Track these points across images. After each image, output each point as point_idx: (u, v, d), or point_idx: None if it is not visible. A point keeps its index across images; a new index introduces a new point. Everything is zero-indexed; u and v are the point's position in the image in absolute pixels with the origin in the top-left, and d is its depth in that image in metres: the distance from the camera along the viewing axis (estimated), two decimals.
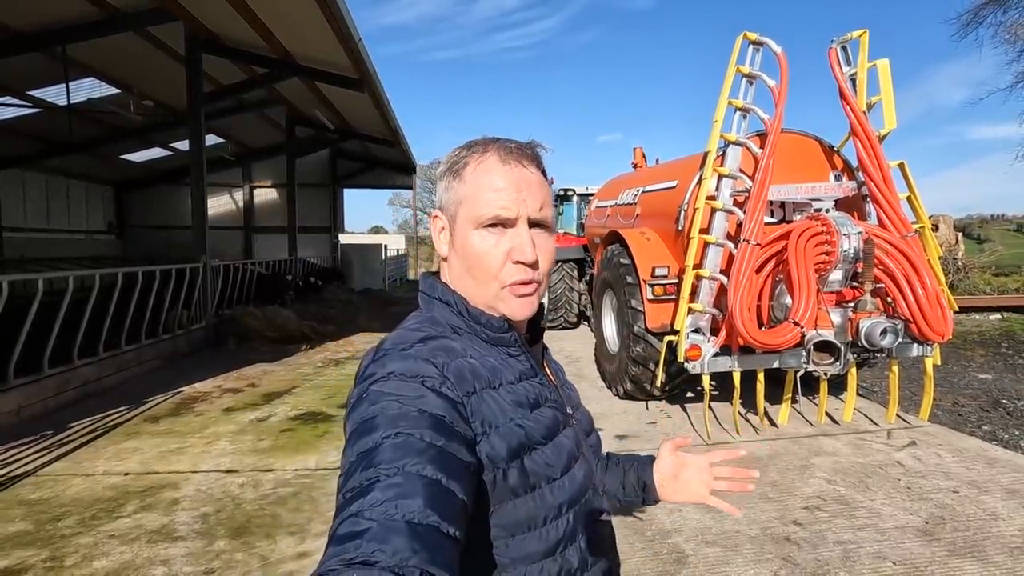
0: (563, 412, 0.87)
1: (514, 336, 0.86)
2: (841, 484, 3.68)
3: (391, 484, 0.61)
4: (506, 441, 0.76)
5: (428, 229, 3.57)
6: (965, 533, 3.03)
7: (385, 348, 0.79)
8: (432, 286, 0.89)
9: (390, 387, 0.71)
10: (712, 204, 4.40)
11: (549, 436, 0.81)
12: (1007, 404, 5.33)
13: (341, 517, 0.60)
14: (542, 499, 0.78)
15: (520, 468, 0.77)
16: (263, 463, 4.20)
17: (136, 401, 5.75)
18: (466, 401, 0.74)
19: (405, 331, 0.83)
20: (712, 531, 3.14)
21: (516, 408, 0.79)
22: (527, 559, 0.78)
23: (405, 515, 0.58)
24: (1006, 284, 11.61)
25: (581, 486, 0.84)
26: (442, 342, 0.79)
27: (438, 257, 0.92)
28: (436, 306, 0.87)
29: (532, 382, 0.84)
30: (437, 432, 0.67)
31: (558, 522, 0.80)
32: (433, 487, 0.62)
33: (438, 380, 0.73)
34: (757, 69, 4.46)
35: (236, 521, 3.32)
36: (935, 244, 4.55)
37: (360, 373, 0.78)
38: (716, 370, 4.45)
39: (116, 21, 8.09)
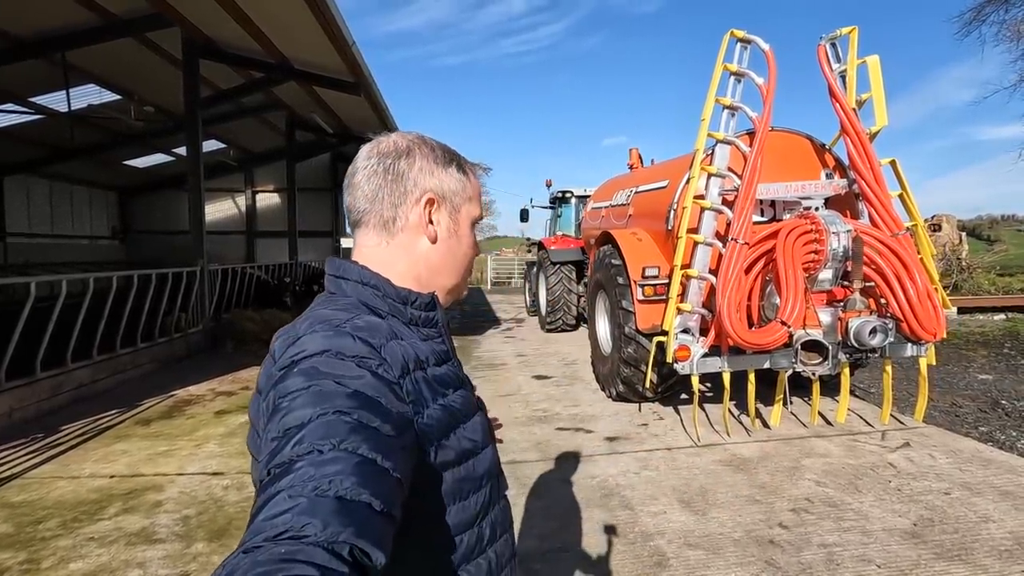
0: (473, 393, 0.92)
1: (437, 316, 0.88)
2: (831, 486, 3.62)
3: (324, 460, 0.59)
4: (436, 419, 0.78)
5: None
6: (954, 535, 2.97)
7: (310, 327, 0.76)
8: (347, 268, 0.87)
9: (325, 365, 0.69)
10: (700, 203, 4.36)
11: (468, 415, 0.85)
12: (1006, 405, 5.25)
13: (267, 493, 0.57)
14: (469, 471, 0.83)
15: (449, 444, 0.80)
16: (249, 465, 4.18)
17: (129, 404, 5.76)
18: (401, 382, 0.75)
19: (328, 311, 0.81)
20: (695, 533, 3.10)
21: (441, 388, 0.81)
22: (454, 529, 0.81)
23: (337, 491, 0.57)
24: (1011, 284, 11.45)
25: (493, 460, 0.90)
26: (370, 320, 0.79)
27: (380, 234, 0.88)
28: (352, 287, 0.86)
29: (449, 365, 0.87)
30: (373, 413, 0.66)
31: (478, 494, 0.85)
32: (367, 465, 0.61)
33: (375, 361, 0.72)
34: (745, 67, 4.42)
35: (217, 523, 3.30)
36: (928, 242, 4.49)
37: (280, 352, 0.75)
38: (705, 371, 4.40)
39: (115, 27, 8.16)
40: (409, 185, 0.87)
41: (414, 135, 0.92)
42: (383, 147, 0.89)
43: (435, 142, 0.93)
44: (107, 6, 7.69)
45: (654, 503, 3.47)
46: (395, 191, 0.87)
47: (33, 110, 11.39)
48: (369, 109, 10.67)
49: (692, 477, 3.83)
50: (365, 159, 0.89)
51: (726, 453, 4.25)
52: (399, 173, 0.87)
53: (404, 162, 0.87)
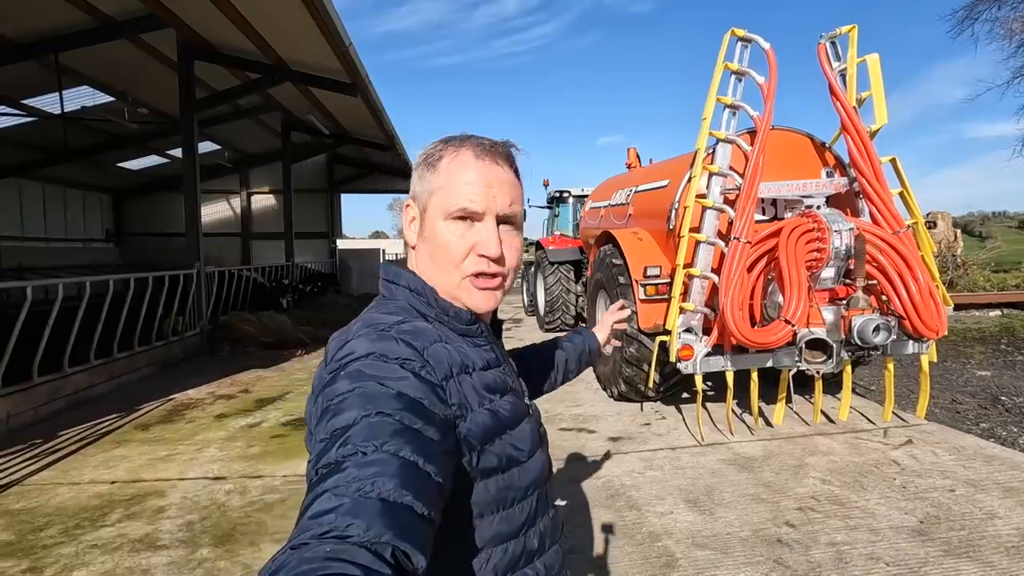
0: (523, 401, 0.90)
1: (481, 327, 0.88)
2: (836, 484, 3.63)
3: (368, 462, 0.60)
4: (481, 424, 0.77)
5: None
6: (960, 533, 2.98)
7: (360, 330, 0.78)
8: (397, 273, 0.89)
9: (369, 367, 0.71)
10: (702, 202, 4.35)
11: (516, 422, 0.84)
12: (1006, 401, 5.27)
13: (315, 492, 0.59)
14: (512, 480, 0.81)
15: (493, 450, 0.79)
16: (252, 469, 4.16)
17: (127, 409, 5.71)
18: (445, 384, 0.75)
19: (378, 314, 0.83)
20: (703, 533, 3.09)
21: (487, 393, 0.81)
22: (495, 539, 0.80)
23: (380, 493, 0.58)
24: (1006, 280, 11.53)
25: (543, 470, 0.88)
26: (418, 324, 0.80)
27: (406, 246, 0.94)
28: (402, 292, 0.87)
29: (498, 371, 0.86)
30: (416, 415, 0.67)
31: (523, 504, 0.83)
32: (409, 468, 0.62)
33: (418, 363, 0.73)
34: (746, 66, 4.42)
35: (221, 529, 3.27)
36: (929, 240, 4.50)
37: (332, 354, 0.77)
38: (709, 370, 4.39)
39: (109, 29, 8.09)
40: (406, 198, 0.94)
41: (442, 138, 0.93)
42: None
43: (440, 140, 0.91)
44: (101, 7, 7.63)
45: (660, 503, 3.47)
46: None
47: (26, 112, 11.29)
48: (366, 110, 10.64)
49: (697, 476, 3.83)
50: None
51: (730, 452, 4.25)
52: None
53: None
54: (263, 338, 9.25)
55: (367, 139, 13.92)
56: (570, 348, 1.40)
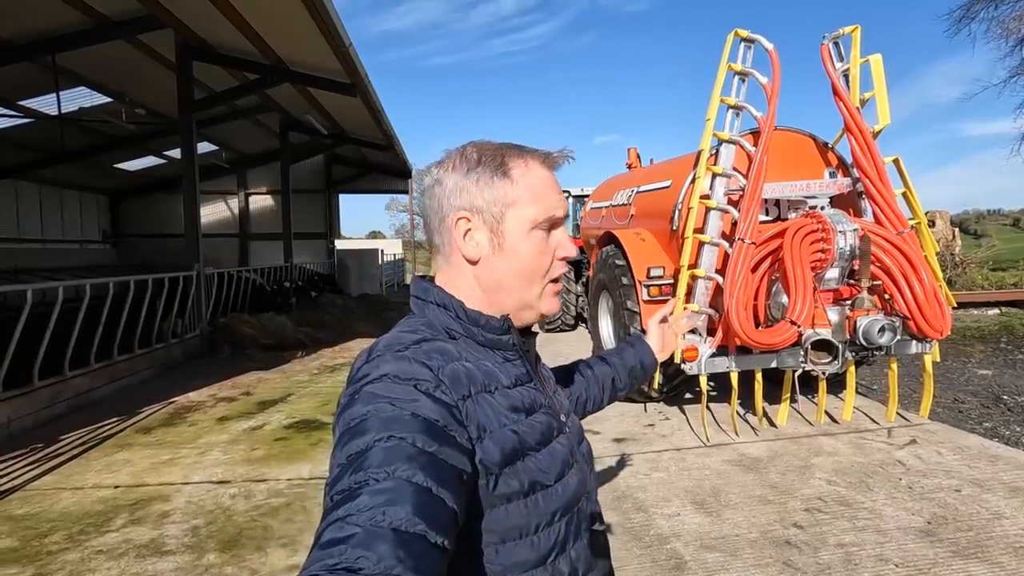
0: (556, 419, 0.86)
1: (512, 339, 0.85)
2: (842, 484, 3.63)
3: (380, 489, 0.59)
4: (500, 446, 0.74)
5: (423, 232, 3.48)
6: (968, 533, 2.98)
7: (379, 350, 0.77)
8: (426, 290, 0.87)
9: (383, 389, 0.70)
10: (706, 203, 4.35)
11: (543, 442, 0.80)
12: (1008, 400, 5.29)
13: (328, 520, 0.59)
14: (535, 506, 0.77)
15: (514, 474, 0.75)
16: (256, 473, 4.14)
17: (129, 412, 5.68)
18: (461, 405, 0.73)
19: (399, 333, 0.81)
20: (711, 535, 3.09)
21: (511, 413, 0.77)
22: (517, 568, 0.76)
23: (392, 522, 0.57)
24: (1004, 279, 11.59)
25: (575, 493, 0.83)
26: (437, 344, 0.78)
27: (440, 259, 0.89)
28: (431, 309, 0.85)
29: (527, 387, 0.83)
30: (430, 437, 0.65)
31: (550, 530, 0.79)
32: (423, 494, 0.60)
33: (432, 384, 0.71)
34: (749, 66, 4.42)
35: (227, 534, 3.26)
36: (932, 240, 4.51)
37: (353, 375, 0.77)
38: (713, 371, 4.40)
39: (106, 29, 8.05)
40: (446, 208, 0.85)
41: (459, 148, 0.88)
42: (431, 172, 0.88)
43: (478, 148, 0.86)
44: (98, 8, 7.58)
45: (667, 505, 3.46)
46: (435, 217, 0.86)
47: (22, 114, 11.22)
48: (364, 111, 10.61)
49: (703, 478, 3.83)
50: (423, 186, 0.89)
51: (735, 453, 4.25)
52: (435, 198, 0.86)
53: (438, 186, 0.85)
54: (263, 340, 9.22)
55: (366, 139, 13.90)
56: (618, 363, 1.33)
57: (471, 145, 0.88)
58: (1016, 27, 13.82)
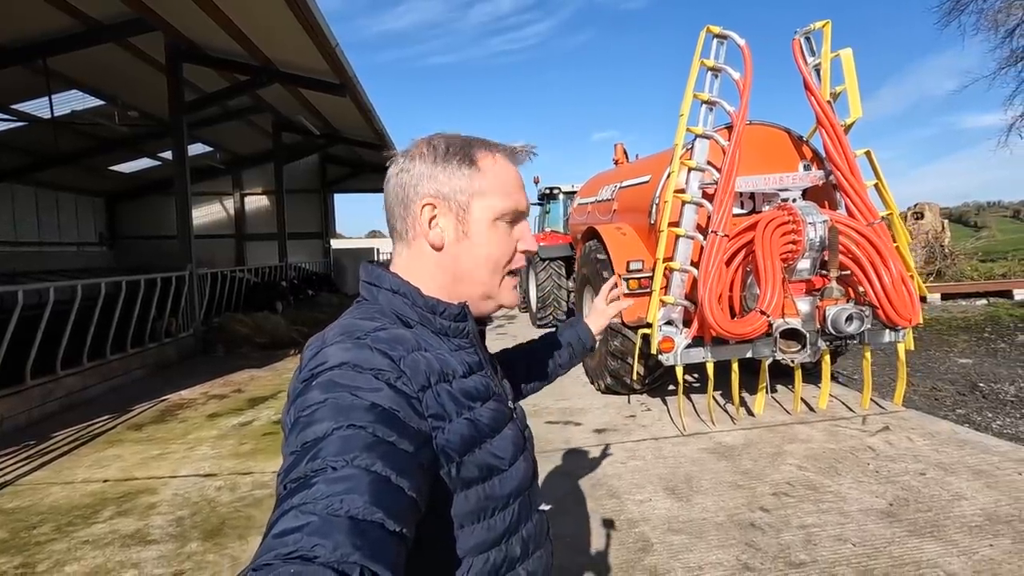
0: (506, 405, 0.88)
1: (468, 327, 0.86)
2: (811, 470, 3.72)
3: (337, 478, 0.59)
4: (459, 434, 0.76)
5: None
6: (927, 514, 3.07)
7: (335, 336, 0.76)
8: (379, 276, 0.86)
9: (342, 377, 0.69)
10: (680, 197, 4.43)
11: (497, 428, 0.82)
12: (983, 388, 5.38)
13: (282, 508, 0.57)
14: (492, 490, 0.80)
15: (472, 461, 0.77)
16: (243, 466, 4.24)
17: (120, 410, 5.78)
18: (421, 395, 0.73)
19: (354, 320, 0.80)
20: (679, 519, 3.18)
21: (467, 401, 0.79)
22: (475, 549, 0.78)
23: (350, 510, 0.56)
24: (992, 270, 11.66)
25: (525, 477, 0.86)
26: (395, 332, 0.78)
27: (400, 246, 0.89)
28: (384, 295, 0.85)
29: (480, 375, 0.84)
30: (389, 427, 0.65)
31: (505, 512, 0.82)
32: (381, 483, 0.60)
33: (394, 374, 0.71)
34: (722, 62, 4.50)
35: (211, 524, 3.35)
36: (904, 231, 4.60)
37: (306, 361, 0.75)
38: (690, 361, 4.48)
39: (96, 32, 8.12)
40: (411, 194, 0.85)
41: (427, 137, 0.89)
42: (397, 160, 0.89)
43: (446, 139, 0.88)
44: (87, 11, 7.66)
45: (640, 491, 3.55)
46: (401, 202, 0.86)
47: (15, 117, 11.30)
48: (355, 110, 10.68)
49: (678, 465, 3.92)
50: (390, 172, 0.89)
51: (711, 441, 4.34)
52: (402, 184, 0.86)
53: (406, 172, 0.86)
54: (257, 339, 9.32)
55: (359, 139, 13.97)
56: (558, 343, 1.36)
57: (438, 135, 0.89)
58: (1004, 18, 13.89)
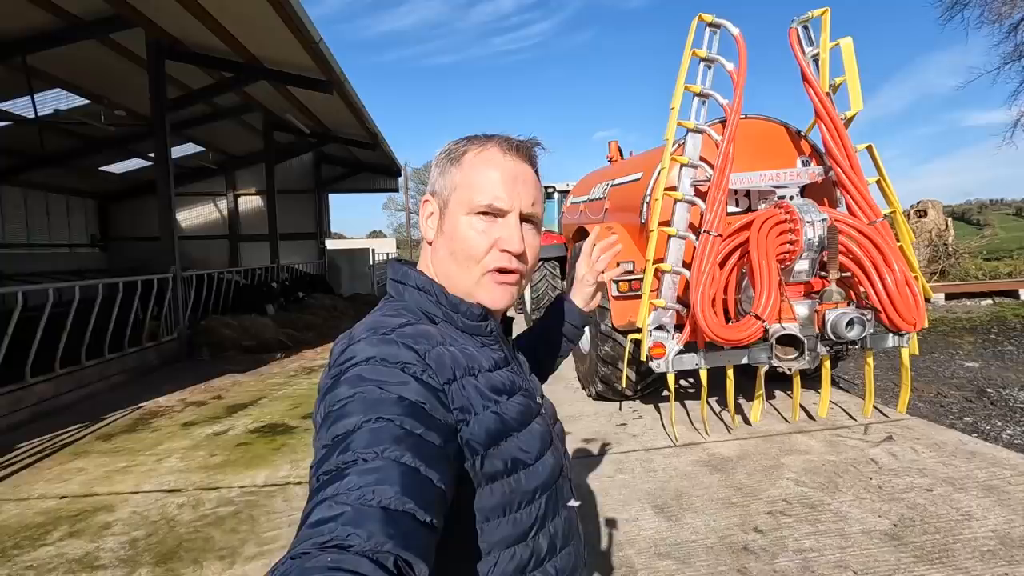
0: (533, 400, 0.88)
1: (490, 326, 0.87)
2: (810, 485, 3.49)
3: (368, 469, 0.60)
4: (485, 428, 0.76)
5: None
6: (935, 536, 2.84)
7: (362, 332, 0.77)
8: (406, 273, 0.88)
9: (370, 372, 0.70)
10: (672, 195, 4.20)
11: (524, 423, 0.82)
12: (991, 393, 5.14)
13: (315, 500, 0.59)
14: (518, 484, 0.79)
15: (498, 454, 0.77)
16: (210, 480, 4.02)
17: (93, 418, 5.57)
18: (447, 388, 0.74)
19: (381, 317, 0.81)
20: (667, 541, 2.95)
21: (493, 395, 0.79)
22: (501, 543, 0.78)
23: (381, 501, 0.57)
24: (998, 269, 11.38)
25: (552, 472, 0.86)
26: (421, 328, 0.79)
27: (424, 244, 0.92)
28: (410, 293, 0.86)
29: (506, 370, 0.84)
30: (417, 420, 0.66)
31: (531, 507, 0.81)
32: (411, 474, 0.61)
33: (419, 367, 0.72)
34: (715, 52, 4.27)
35: (166, 546, 3.14)
36: (908, 230, 4.36)
37: (335, 357, 0.76)
38: (682, 368, 4.25)
39: (75, 29, 7.90)
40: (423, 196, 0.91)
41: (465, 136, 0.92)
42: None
43: (460, 139, 0.90)
44: (66, 7, 7.44)
45: (627, 509, 3.33)
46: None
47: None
48: (346, 108, 10.46)
49: (668, 480, 3.69)
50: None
51: (705, 453, 4.12)
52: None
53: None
54: (243, 342, 9.11)
55: (352, 138, 13.75)
56: (545, 331, 1.35)
57: (464, 137, 0.91)
58: (1008, 12, 13.60)
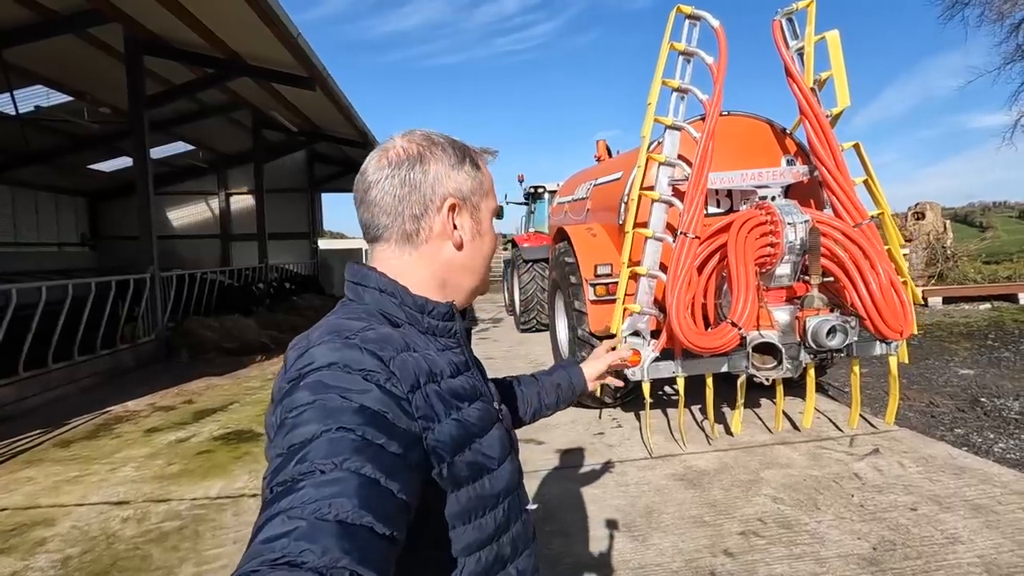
0: (492, 405, 0.86)
1: (455, 326, 0.85)
2: (788, 502, 3.29)
3: (326, 481, 0.57)
4: (448, 435, 0.74)
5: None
6: (916, 561, 2.64)
7: (322, 336, 0.74)
8: (365, 275, 0.84)
9: (331, 378, 0.67)
10: (648, 195, 4.01)
11: (485, 429, 0.81)
12: (985, 403, 4.93)
13: (268, 513, 0.56)
14: (483, 489, 0.79)
15: (463, 461, 0.76)
16: (161, 491, 3.84)
17: (55, 423, 5.39)
18: (411, 397, 0.71)
19: (343, 320, 0.78)
20: (630, 564, 2.76)
21: (456, 402, 0.78)
22: (466, 549, 0.77)
23: (338, 514, 0.55)
24: (997, 272, 11.15)
25: (512, 477, 0.85)
26: (383, 332, 0.76)
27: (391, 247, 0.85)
28: (370, 295, 0.82)
29: (467, 375, 0.83)
30: (378, 429, 0.64)
31: (495, 512, 0.81)
32: (371, 486, 0.59)
33: (383, 375, 0.69)
34: (694, 45, 4.07)
35: (100, 565, 2.95)
36: (896, 232, 4.16)
37: (291, 362, 0.73)
38: (659, 376, 4.06)
39: (51, 24, 7.73)
40: (428, 194, 0.83)
41: (419, 136, 0.86)
42: (392, 155, 0.83)
43: (443, 139, 0.87)
44: (44, 2, 7.27)
45: (595, 527, 3.14)
46: (414, 203, 0.83)
47: None
48: (332, 106, 10.28)
49: (639, 495, 3.49)
50: (376, 171, 0.83)
51: (681, 465, 3.92)
52: (415, 183, 0.82)
53: (419, 170, 0.83)
54: (224, 344, 8.92)
55: (341, 136, 13.57)
56: (547, 381, 1.32)
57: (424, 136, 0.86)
58: (1009, 10, 13.37)
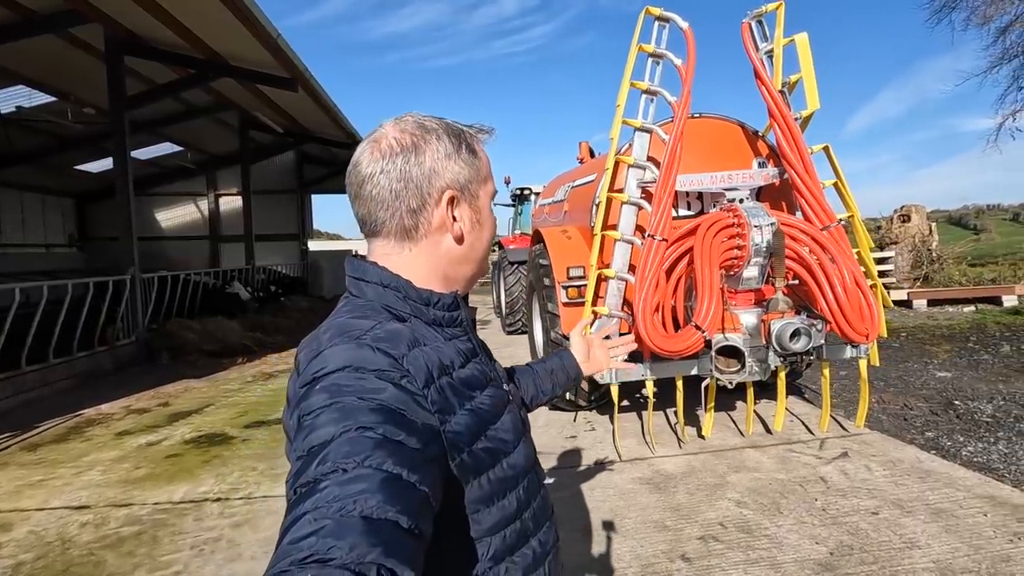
0: (502, 388, 0.87)
1: (461, 316, 0.85)
2: (751, 507, 3.28)
3: (349, 479, 0.58)
4: (465, 425, 0.75)
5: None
6: (871, 567, 2.63)
7: (333, 338, 0.74)
8: (365, 270, 0.82)
9: (345, 379, 0.68)
10: (616, 197, 4.00)
11: (498, 414, 0.82)
12: (959, 406, 4.93)
13: (294, 514, 0.56)
14: (502, 472, 0.80)
15: (481, 447, 0.77)
16: (124, 496, 3.80)
17: (25, 427, 5.34)
18: (426, 392, 0.72)
19: (348, 319, 0.77)
20: (587, 569, 2.74)
21: (469, 391, 0.78)
22: (492, 529, 0.79)
23: (363, 511, 0.55)
24: (982, 274, 11.18)
25: (528, 456, 0.87)
26: (391, 328, 0.76)
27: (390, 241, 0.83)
28: (373, 289, 0.81)
29: (475, 363, 0.83)
30: (397, 426, 0.64)
31: (516, 491, 0.82)
32: (393, 481, 0.59)
33: (397, 373, 0.70)
34: (664, 47, 4.06)
35: (52, 570, 2.92)
36: (866, 235, 4.16)
37: (304, 365, 0.73)
38: (628, 379, 4.05)
39: (31, 24, 7.67)
40: (425, 187, 0.80)
41: (412, 124, 0.82)
42: (384, 146, 0.80)
43: (437, 125, 0.83)
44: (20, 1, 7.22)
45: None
46: (411, 197, 0.80)
47: None
48: (317, 107, 10.25)
49: (604, 499, 3.47)
50: (369, 164, 0.80)
51: (650, 469, 3.90)
52: (410, 177, 0.79)
53: (414, 162, 0.80)
54: (206, 346, 8.87)
55: (327, 137, 13.52)
56: (541, 368, 1.32)
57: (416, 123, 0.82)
58: (994, 12, 13.44)
